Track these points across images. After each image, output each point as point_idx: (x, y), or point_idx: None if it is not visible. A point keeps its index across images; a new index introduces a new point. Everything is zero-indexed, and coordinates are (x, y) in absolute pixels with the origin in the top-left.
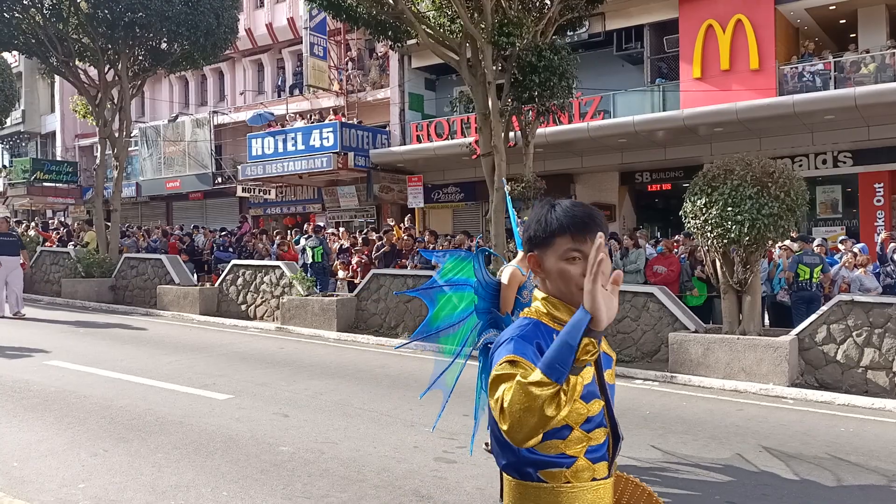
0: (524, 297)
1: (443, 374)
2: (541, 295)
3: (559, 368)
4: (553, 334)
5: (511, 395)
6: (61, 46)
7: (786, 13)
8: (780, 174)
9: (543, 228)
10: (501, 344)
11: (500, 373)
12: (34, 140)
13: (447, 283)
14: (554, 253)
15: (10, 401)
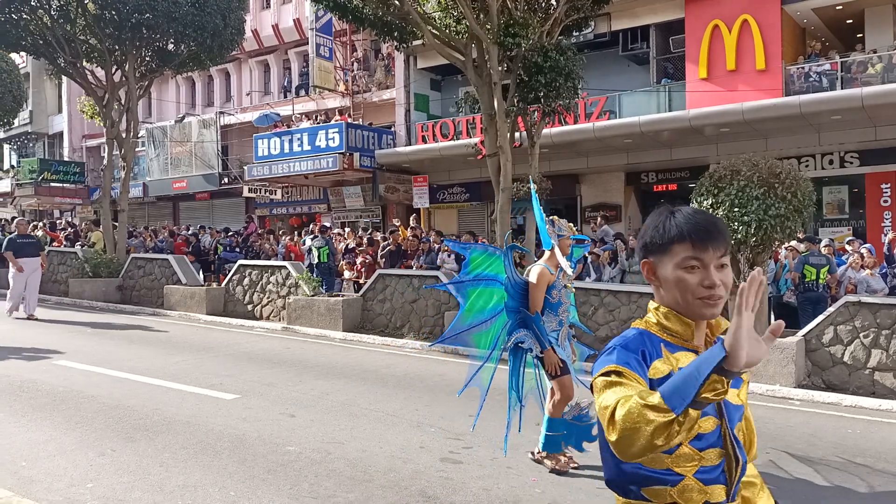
0: (553, 297)
1: (478, 373)
2: (653, 305)
3: (679, 399)
4: (661, 344)
5: (625, 409)
6: (69, 47)
7: (792, 13)
8: (786, 175)
9: (661, 235)
10: (604, 353)
11: (606, 380)
12: (42, 140)
13: (476, 278)
14: (671, 260)
15: (19, 400)
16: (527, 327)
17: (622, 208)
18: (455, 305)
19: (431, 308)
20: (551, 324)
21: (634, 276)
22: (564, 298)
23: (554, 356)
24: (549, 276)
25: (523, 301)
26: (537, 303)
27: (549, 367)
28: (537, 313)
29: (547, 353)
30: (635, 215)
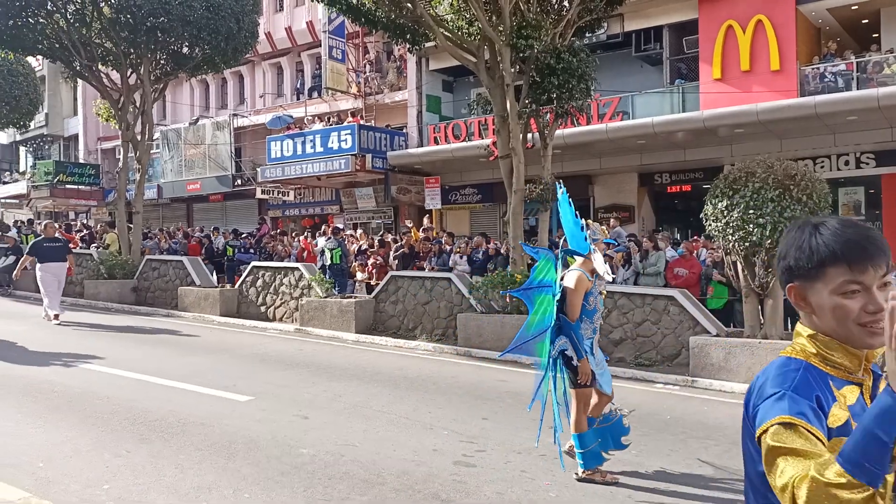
0: (590, 304)
1: (540, 386)
2: (806, 332)
3: (871, 469)
4: (829, 380)
5: (807, 493)
6: (84, 51)
7: (807, 13)
8: (802, 177)
9: (809, 257)
10: (768, 397)
11: (778, 444)
12: (57, 143)
13: (540, 284)
14: (825, 286)
15: (36, 401)
16: (566, 334)
17: (635, 209)
18: (466, 308)
19: (444, 310)
20: (587, 331)
21: (648, 279)
22: (599, 305)
23: (588, 366)
24: (587, 283)
25: (561, 307)
26: (575, 309)
27: (581, 378)
28: (577, 321)
29: (582, 363)
30: (649, 216)
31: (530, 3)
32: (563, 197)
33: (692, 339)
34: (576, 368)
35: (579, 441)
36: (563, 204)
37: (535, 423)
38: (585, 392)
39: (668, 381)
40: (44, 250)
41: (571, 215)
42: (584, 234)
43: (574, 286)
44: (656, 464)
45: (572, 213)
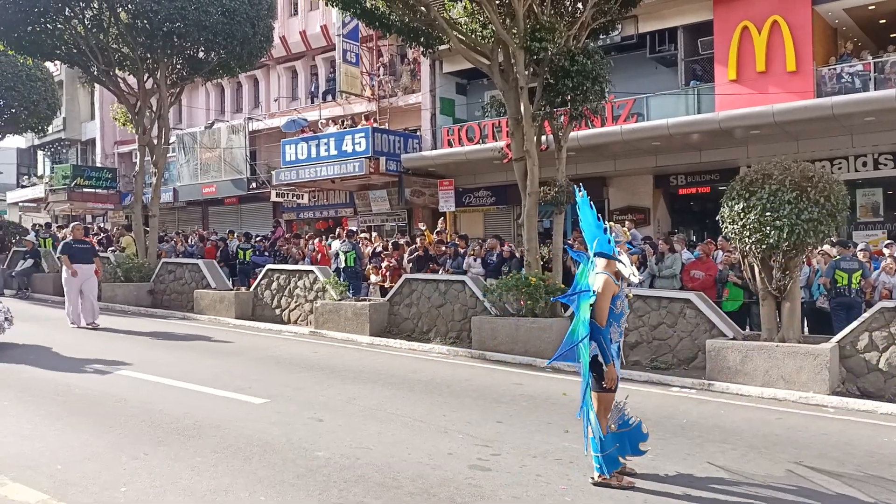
0: (617, 308)
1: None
2: None
3: None
4: None
5: None
6: (102, 56)
7: (823, 14)
8: (819, 178)
9: None
10: None
11: None
12: (75, 147)
13: (580, 290)
14: None
15: (54, 404)
16: (596, 340)
17: (651, 211)
18: (480, 310)
19: (458, 313)
20: (614, 334)
21: (664, 281)
22: (626, 309)
23: (614, 371)
24: (614, 286)
25: (591, 312)
26: (602, 313)
27: (608, 382)
28: (606, 326)
29: (609, 368)
30: (664, 218)
31: (544, 6)
32: (584, 200)
33: (708, 343)
34: (602, 372)
35: (598, 446)
36: (584, 207)
37: (550, 426)
38: (608, 397)
39: (684, 385)
40: (73, 251)
41: (593, 218)
42: (608, 237)
43: (602, 290)
44: (672, 468)
45: (594, 215)
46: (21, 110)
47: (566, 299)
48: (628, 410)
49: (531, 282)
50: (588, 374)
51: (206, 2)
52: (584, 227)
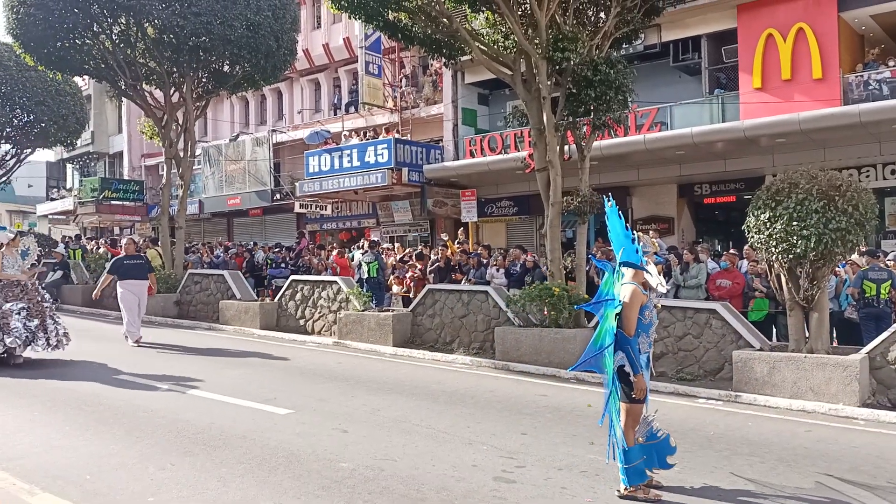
0: (646, 318)
1: (609, 402)
2: None
3: None
4: None
5: None
6: (129, 71)
7: (850, 20)
8: (847, 187)
9: None
10: None
11: None
12: (103, 160)
13: (605, 299)
14: None
15: (83, 414)
16: (623, 350)
17: (675, 221)
18: (504, 321)
19: (481, 323)
20: (643, 344)
21: (689, 291)
22: (654, 318)
23: (643, 382)
24: (642, 296)
25: (619, 322)
26: (630, 323)
27: (637, 393)
28: (634, 336)
29: (638, 378)
30: (689, 228)
31: (566, 16)
32: (612, 210)
33: (735, 354)
34: (631, 383)
35: (624, 456)
36: (612, 216)
37: (575, 438)
38: (637, 408)
39: (710, 396)
40: (125, 268)
41: (622, 228)
42: (636, 247)
43: (629, 300)
44: (699, 481)
45: (622, 224)
46: (51, 125)
47: (591, 307)
48: (656, 423)
49: (555, 292)
50: (613, 384)
51: (231, 16)
52: (613, 236)
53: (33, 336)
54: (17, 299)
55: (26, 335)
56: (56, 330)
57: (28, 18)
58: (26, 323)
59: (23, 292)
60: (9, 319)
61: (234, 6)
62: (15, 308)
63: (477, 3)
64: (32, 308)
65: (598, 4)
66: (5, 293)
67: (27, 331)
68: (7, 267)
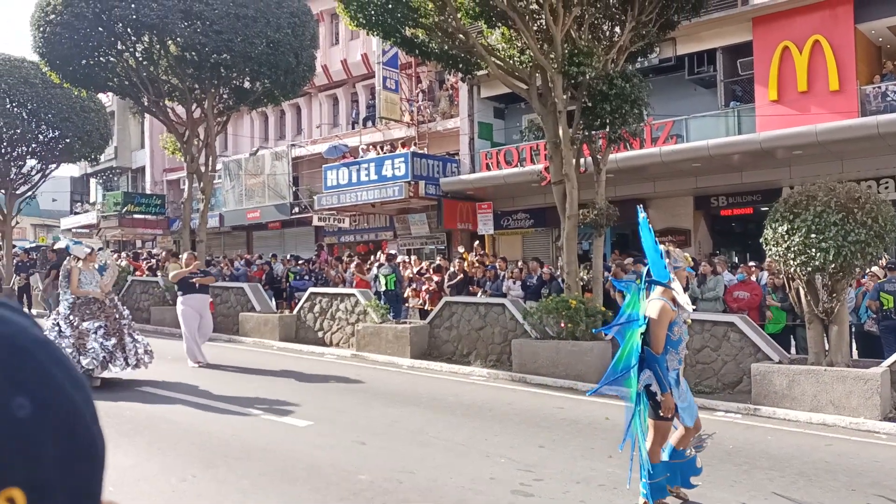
0: (674, 335)
1: (631, 423)
2: None
3: None
4: None
5: None
6: (152, 87)
7: (866, 32)
8: (866, 199)
9: None
10: None
11: None
12: (125, 174)
13: (629, 319)
14: None
15: (105, 426)
16: (651, 368)
17: (691, 233)
18: (521, 333)
19: (498, 336)
20: (672, 362)
21: (707, 304)
22: (684, 335)
23: (671, 401)
24: (670, 312)
25: (646, 340)
26: (658, 341)
27: (665, 412)
28: (662, 354)
29: (666, 397)
30: (705, 240)
31: (582, 31)
32: (644, 223)
33: (754, 367)
34: (658, 401)
35: (648, 473)
36: (644, 230)
37: (593, 451)
38: (665, 425)
39: (729, 409)
40: (186, 282)
41: (652, 242)
42: (664, 262)
43: (657, 317)
44: (719, 495)
45: (652, 239)
46: (75, 140)
47: (609, 330)
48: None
49: (571, 304)
50: (640, 403)
51: (251, 34)
52: (646, 250)
53: (111, 356)
54: (95, 317)
55: (103, 356)
56: (135, 348)
57: (54, 37)
58: (103, 342)
59: (100, 310)
60: (85, 340)
61: (254, 24)
62: (92, 327)
63: (493, 19)
64: (110, 326)
65: (613, 19)
66: (82, 311)
67: (104, 351)
68: (84, 283)
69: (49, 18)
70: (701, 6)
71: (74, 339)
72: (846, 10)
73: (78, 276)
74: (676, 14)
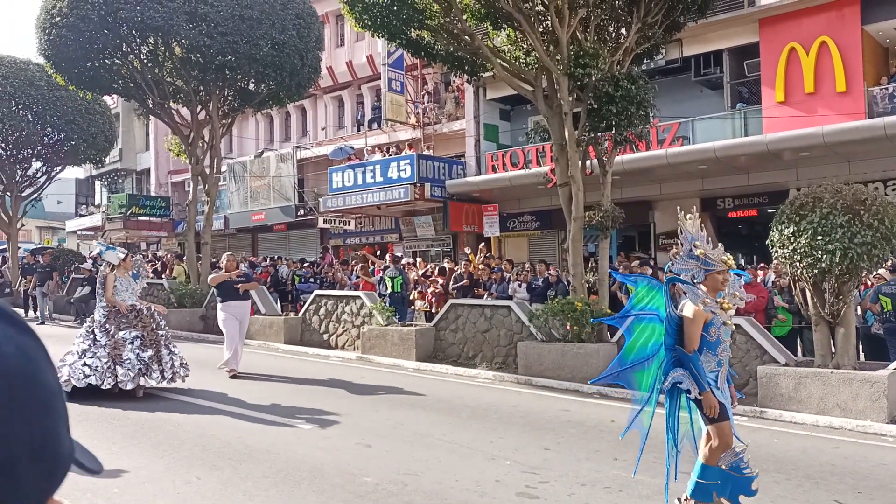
0: (711, 335)
1: (639, 415)
2: None
3: None
4: None
5: None
6: (157, 89)
7: (873, 33)
8: (872, 201)
9: None
10: None
11: None
12: (130, 176)
13: (640, 313)
14: None
15: (110, 428)
16: (683, 366)
17: None
18: (526, 336)
19: (504, 338)
20: (710, 363)
21: None
22: (724, 337)
23: (712, 399)
24: (705, 313)
25: (679, 338)
26: (694, 340)
27: (707, 411)
28: (695, 352)
29: (705, 396)
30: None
31: (587, 32)
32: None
33: (760, 369)
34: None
35: (702, 471)
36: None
37: (598, 454)
38: (724, 425)
39: (735, 412)
40: (226, 287)
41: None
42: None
43: (692, 316)
44: None
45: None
46: (80, 142)
47: (615, 321)
48: (747, 457)
49: (577, 307)
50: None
51: (256, 36)
52: None
53: (146, 368)
54: (131, 327)
55: (139, 367)
56: (171, 361)
57: (60, 40)
58: (139, 354)
59: (136, 318)
60: (121, 350)
61: (259, 26)
62: (128, 337)
63: (498, 21)
64: (147, 337)
65: (619, 21)
66: (118, 320)
67: (140, 362)
68: (120, 291)
69: (54, 21)
70: (707, 7)
71: (110, 349)
72: (853, 12)
73: (113, 283)
74: (682, 15)
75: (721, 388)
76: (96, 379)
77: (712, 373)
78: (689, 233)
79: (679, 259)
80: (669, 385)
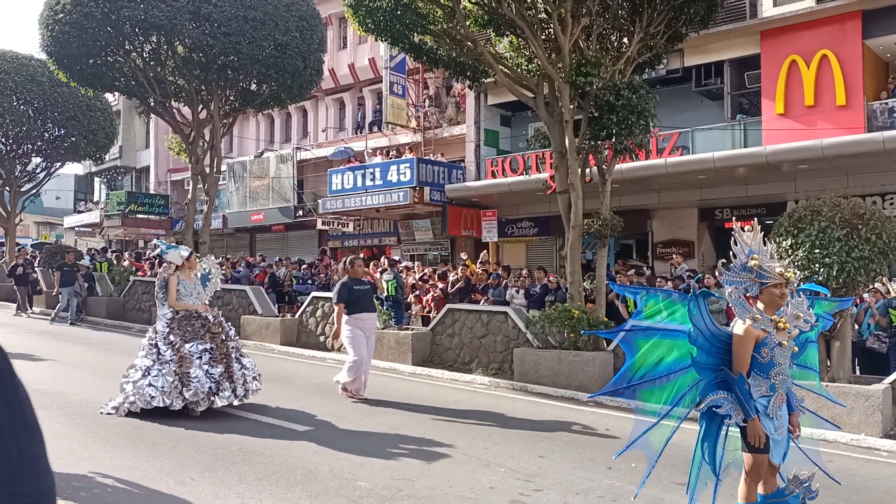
0: (763, 357)
1: (645, 434)
2: None
3: None
4: None
5: None
6: (159, 88)
7: (874, 47)
8: (871, 215)
9: None
10: None
11: None
12: (129, 174)
13: (649, 328)
14: None
15: (105, 427)
16: (728, 390)
17: (695, 245)
18: (523, 342)
19: (500, 344)
20: (760, 388)
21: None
22: (779, 359)
23: (759, 427)
24: (756, 332)
25: (723, 357)
26: (741, 361)
27: (751, 440)
28: (741, 375)
29: (750, 424)
30: (709, 252)
31: (590, 41)
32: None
33: None
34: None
35: None
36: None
37: (592, 462)
38: (760, 458)
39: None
40: (355, 295)
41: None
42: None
43: (742, 333)
44: None
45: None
46: (80, 139)
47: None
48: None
49: (574, 314)
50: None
51: (259, 36)
52: None
53: (217, 386)
54: (199, 338)
55: (209, 385)
56: (244, 376)
57: (62, 36)
58: (209, 370)
59: (204, 328)
60: (189, 367)
61: (262, 27)
62: (196, 350)
63: (501, 28)
64: (216, 350)
65: (622, 30)
66: (183, 330)
67: (210, 380)
68: (183, 295)
69: (58, 17)
70: (709, 19)
71: (177, 366)
72: (854, 25)
73: (176, 286)
74: (685, 26)
75: (773, 416)
76: (163, 401)
77: (763, 398)
78: (747, 245)
79: (731, 270)
80: (706, 408)
